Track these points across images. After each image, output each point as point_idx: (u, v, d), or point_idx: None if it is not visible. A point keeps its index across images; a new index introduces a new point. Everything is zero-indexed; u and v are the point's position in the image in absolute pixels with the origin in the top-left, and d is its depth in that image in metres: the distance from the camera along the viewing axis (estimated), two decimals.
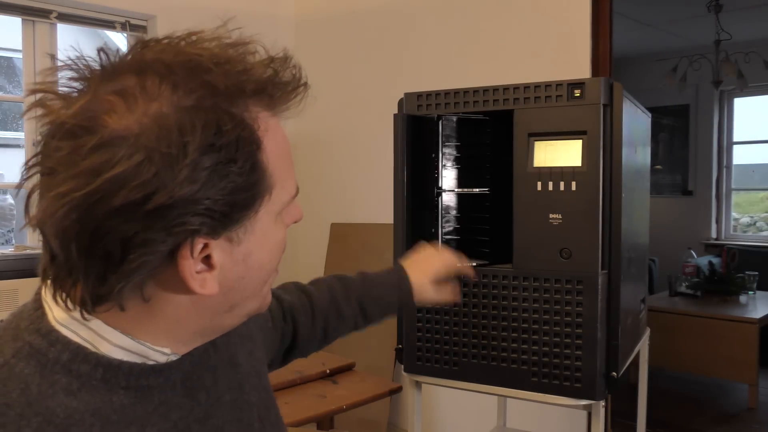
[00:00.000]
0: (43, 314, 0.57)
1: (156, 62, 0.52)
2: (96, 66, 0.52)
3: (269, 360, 0.91)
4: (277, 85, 0.56)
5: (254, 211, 0.55)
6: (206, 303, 0.57)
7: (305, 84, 0.59)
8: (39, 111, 0.51)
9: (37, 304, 0.58)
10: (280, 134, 0.58)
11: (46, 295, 0.57)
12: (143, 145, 0.48)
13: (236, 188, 0.51)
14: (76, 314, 0.55)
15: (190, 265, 0.52)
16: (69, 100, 0.51)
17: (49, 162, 0.50)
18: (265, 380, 0.76)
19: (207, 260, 0.54)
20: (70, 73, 0.52)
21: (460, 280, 1.17)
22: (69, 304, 0.55)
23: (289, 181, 0.59)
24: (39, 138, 0.52)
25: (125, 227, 0.48)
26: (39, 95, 0.52)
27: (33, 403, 0.52)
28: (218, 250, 0.54)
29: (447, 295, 1.11)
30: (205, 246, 0.53)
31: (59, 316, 0.56)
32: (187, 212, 0.49)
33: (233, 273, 0.56)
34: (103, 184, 0.47)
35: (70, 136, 0.49)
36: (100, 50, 0.53)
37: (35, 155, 0.52)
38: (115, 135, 0.48)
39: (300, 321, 0.96)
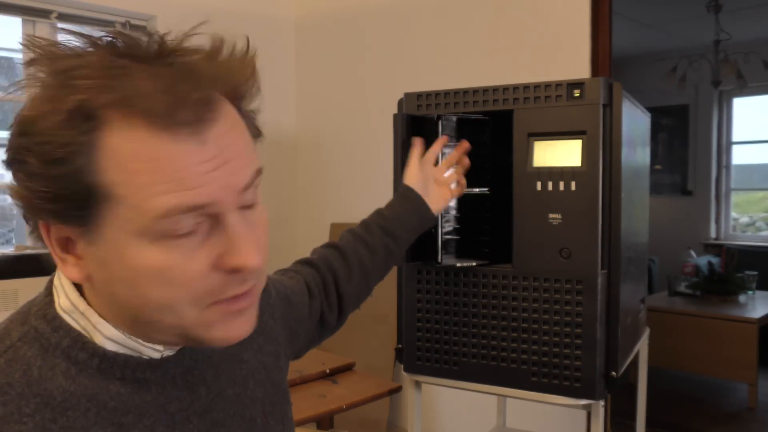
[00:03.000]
0: (52, 301, 0.59)
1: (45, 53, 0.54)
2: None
3: (321, 316, 0.95)
4: (144, 103, 0.50)
5: (90, 215, 0.52)
6: (106, 296, 0.57)
7: (200, 103, 0.52)
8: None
9: (48, 290, 0.61)
10: (155, 148, 0.51)
11: (57, 283, 0.60)
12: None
13: (32, 175, 0.51)
14: (78, 303, 0.58)
15: (47, 238, 0.56)
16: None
17: None
18: (274, 375, 0.76)
19: (69, 245, 0.55)
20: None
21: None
22: (71, 289, 0.58)
23: (154, 200, 0.51)
24: None
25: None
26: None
27: (33, 384, 0.54)
28: (81, 241, 0.55)
29: (452, 192, 1.25)
30: (51, 227, 0.55)
31: (64, 303, 0.58)
32: (19, 180, 0.53)
33: (97, 273, 0.55)
34: (17, 146, 0.53)
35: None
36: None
37: None
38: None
39: (336, 266, 1.01)
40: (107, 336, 0.57)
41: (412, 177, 1.20)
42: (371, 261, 1.06)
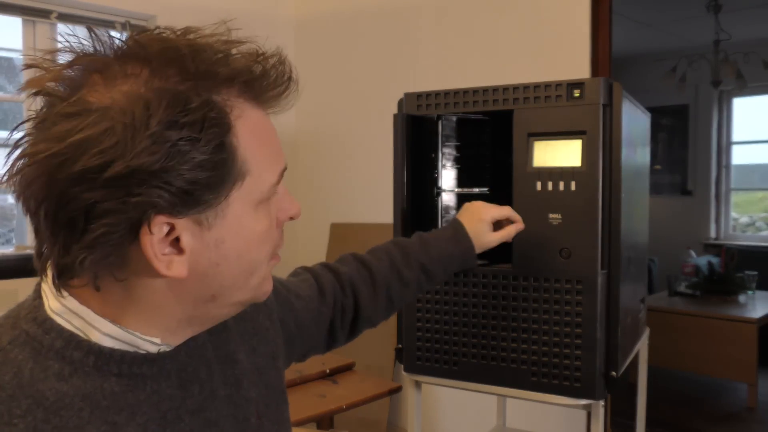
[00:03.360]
0: (41, 304, 0.59)
1: (138, 48, 0.54)
2: (88, 47, 0.55)
3: (330, 331, 0.94)
4: (254, 75, 0.57)
5: (223, 195, 0.55)
6: (183, 289, 0.57)
7: (289, 79, 0.60)
8: (33, 88, 0.54)
9: (36, 294, 0.60)
10: (261, 124, 0.59)
11: (44, 286, 0.59)
12: (110, 117, 0.50)
13: (198, 166, 0.52)
14: (69, 303, 0.57)
15: (152, 243, 0.53)
16: (57, 75, 0.54)
17: (30, 130, 0.54)
18: (268, 377, 0.76)
19: (176, 243, 0.55)
20: (62, 54, 0.55)
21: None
22: (58, 292, 0.58)
23: (269, 171, 0.59)
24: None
25: (86, 195, 0.50)
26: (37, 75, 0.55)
27: (24, 386, 0.54)
28: (187, 233, 0.55)
29: (508, 230, 1.15)
30: (172, 228, 0.54)
31: (54, 305, 0.58)
32: (144, 184, 0.50)
33: (205, 259, 0.56)
34: (66, 148, 0.49)
35: (49, 103, 0.53)
36: (90, 31, 0.55)
37: (26, 121, 0.55)
38: (87, 106, 0.51)
39: (361, 291, 0.98)
40: (105, 332, 0.57)
41: (472, 217, 1.12)
42: (400, 294, 1.03)
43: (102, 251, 0.52)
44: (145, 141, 0.50)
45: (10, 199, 2.87)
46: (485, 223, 1.12)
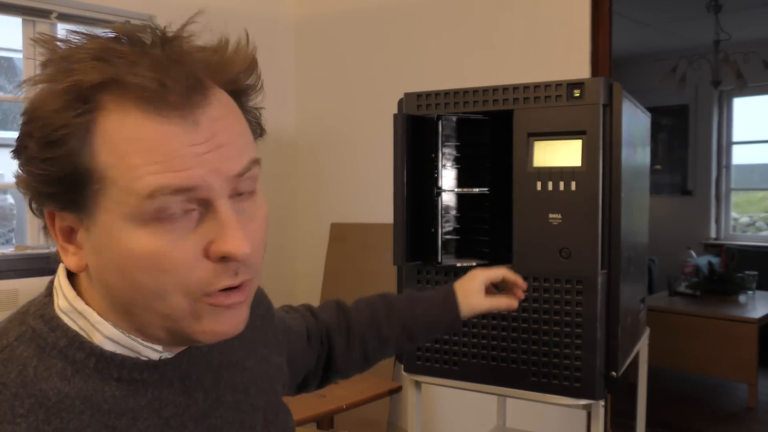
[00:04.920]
0: (51, 301, 0.59)
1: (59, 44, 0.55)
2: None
3: (305, 376, 0.92)
4: (135, 82, 0.51)
5: (83, 198, 0.53)
6: (104, 285, 0.57)
7: (193, 85, 0.53)
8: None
9: (48, 291, 0.61)
10: (145, 129, 0.51)
11: (56, 283, 0.60)
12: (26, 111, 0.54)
13: (31, 159, 0.53)
14: (76, 303, 0.58)
15: (51, 225, 0.57)
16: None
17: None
18: (278, 386, 0.76)
19: (71, 235, 0.57)
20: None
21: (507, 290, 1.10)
22: (69, 290, 0.58)
23: (141, 182, 0.51)
24: None
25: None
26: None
27: (28, 385, 0.54)
28: (81, 231, 0.56)
29: (499, 300, 1.07)
30: (56, 216, 0.56)
31: (62, 304, 0.58)
32: (22, 165, 0.55)
33: (94, 261, 0.56)
34: (21, 134, 0.54)
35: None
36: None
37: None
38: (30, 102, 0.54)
39: (335, 341, 0.95)
40: (106, 335, 0.57)
41: (464, 283, 1.06)
42: (376, 349, 0.99)
43: (54, 238, 0.57)
44: (23, 128, 0.54)
45: (10, 199, 2.87)
46: (477, 282, 1.05)
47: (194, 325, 0.56)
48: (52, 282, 0.61)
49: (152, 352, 0.59)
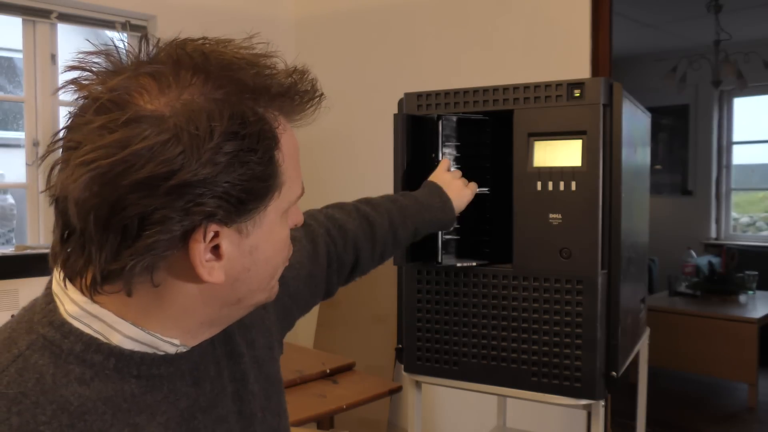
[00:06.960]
0: (56, 308, 0.59)
1: (191, 56, 0.55)
2: (133, 52, 0.56)
3: (318, 297, 0.97)
4: (297, 92, 0.60)
5: (265, 204, 0.58)
6: (214, 293, 0.59)
7: (321, 95, 0.63)
8: (73, 88, 0.54)
9: (48, 298, 0.60)
10: (293, 139, 0.62)
11: (57, 290, 0.59)
12: (172, 125, 0.51)
13: (253, 177, 0.54)
14: (89, 307, 0.57)
15: (200, 251, 0.54)
16: (104, 79, 0.54)
17: (76, 136, 0.52)
18: (268, 368, 0.77)
19: (216, 250, 0.56)
20: (105, 58, 0.55)
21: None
22: (77, 294, 0.57)
23: (297, 182, 0.63)
24: (69, 114, 0.55)
25: (145, 202, 0.50)
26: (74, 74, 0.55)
27: (48, 392, 0.54)
28: (227, 240, 0.56)
29: (471, 186, 1.28)
30: (216, 235, 0.55)
31: (71, 309, 0.58)
32: (205, 193, 0.52)
33: (239, 264, 0.58)
34: (130, 156, 0.50)
35: (101, 111, 0.52)
36: (141, 38, 0.56)
37: (62, 129, 0.55)
38: (146, 113, 0.51)
39: (363, 250, 1.04)
40: (126, 335, 0.58)
41: (441, 176, 1.26)
42: (391, 251, 1.11)
43: (152, 257, 0.53)
44: (209, 152, 0.51)
45: (11, 199, 2.87)
46: (458, 180, 1.25)
47: (276, 286, 0.67)
48: (48, 288, 0.61)
49: (170, 346, 0.60)
